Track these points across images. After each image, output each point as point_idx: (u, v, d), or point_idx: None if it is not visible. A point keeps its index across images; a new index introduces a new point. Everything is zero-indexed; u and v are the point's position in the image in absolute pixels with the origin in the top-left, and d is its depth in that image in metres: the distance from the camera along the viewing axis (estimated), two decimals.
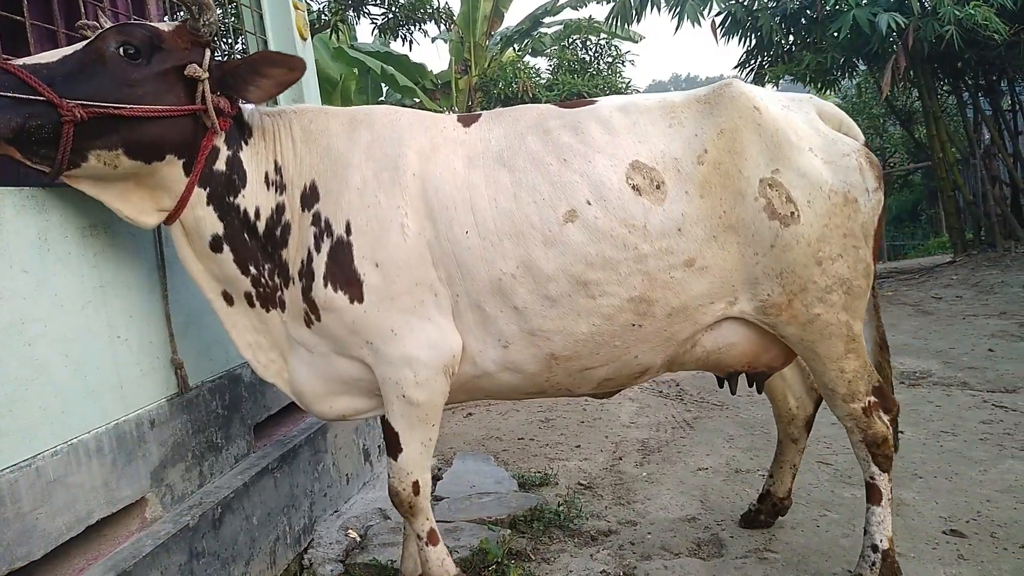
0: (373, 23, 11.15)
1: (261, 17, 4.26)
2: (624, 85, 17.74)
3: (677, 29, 11.52)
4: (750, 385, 3.25)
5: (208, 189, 2.57)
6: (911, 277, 10.72)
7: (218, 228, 2.61)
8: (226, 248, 2.63)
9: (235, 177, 2.62)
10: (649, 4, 12.08)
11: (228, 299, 2.73)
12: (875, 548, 2.96)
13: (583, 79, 17.03)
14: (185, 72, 2.41)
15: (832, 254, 2.71)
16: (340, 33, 12.98)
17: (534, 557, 3.58)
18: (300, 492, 3.56)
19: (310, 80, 4.44)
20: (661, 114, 2.81)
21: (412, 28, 11.07)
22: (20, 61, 2.20)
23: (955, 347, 6.65)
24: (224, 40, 4.16)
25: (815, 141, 2.77)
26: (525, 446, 5.31)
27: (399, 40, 11.89)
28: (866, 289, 2.84)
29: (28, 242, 2.33)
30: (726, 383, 3.27)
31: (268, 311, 2.75)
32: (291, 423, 3.83)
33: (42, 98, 2.14)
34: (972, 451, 4.29)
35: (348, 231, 2.60)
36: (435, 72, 20.03)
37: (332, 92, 18.09)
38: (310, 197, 2.66)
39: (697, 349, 2.89)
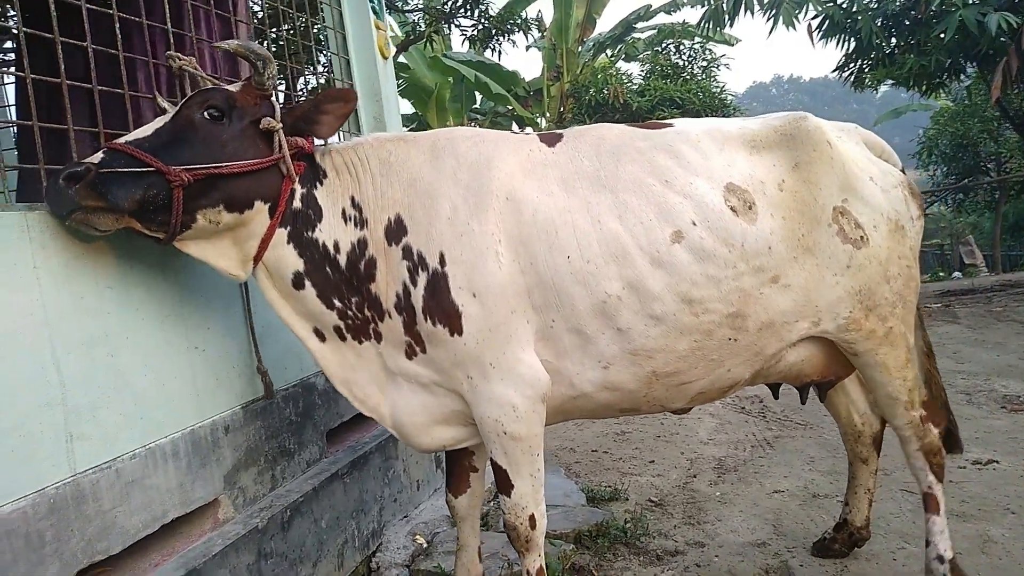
0: (463, 35, 11.31)
1: (344, 38, 4.42)
2: (719, 89, 17.35)
3: (771, 32, 11.22)
4: (821, 399, 3.38)
5: (288, 228, 2.64)
6: (1023, 291, 10.05)
7: (299, 265, 2.66)
8: (307, 284, 2.67)
9: (311, 212, 2.67)
10: (742, 7, 11.78)
11: (320, 336, 2.77)
12: (941, 559, 3.05)
13: (676, 84, 16.79)
14: (261, 126, 2.55)
15: (895, 273, 2.92)
16: (434, 43, 13.24)
17: (596, 574, 3.57)
18: (370, 497, 3.67)
19: (389, 96, 4.57)
20: (742, 141, 2.90)
21: (501, 39, 11.18)
22: (123, 139, 2.39)
23: None
24: (307, 64, 4.34)
25: (874, 171, 2.99)
26: (598, 459, 5.30)
27: (489, 50, 12.00)
28: (915, 304, 3.11)
29: (112, 261, 2.51)
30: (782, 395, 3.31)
31: (361, 343, 2.76)
32: (363, 430, 3.96)
33: (152, 168, 2.32)
34: None
35: (442, 262, 2.59)
36: (528, 80, 20.22)
37: (428, 100, 18.57)
38: (396, 231, 2.66)
39: (781, 364, 2.99)
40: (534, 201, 2.65)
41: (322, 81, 4.50)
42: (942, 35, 9.58)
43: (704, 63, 18.69)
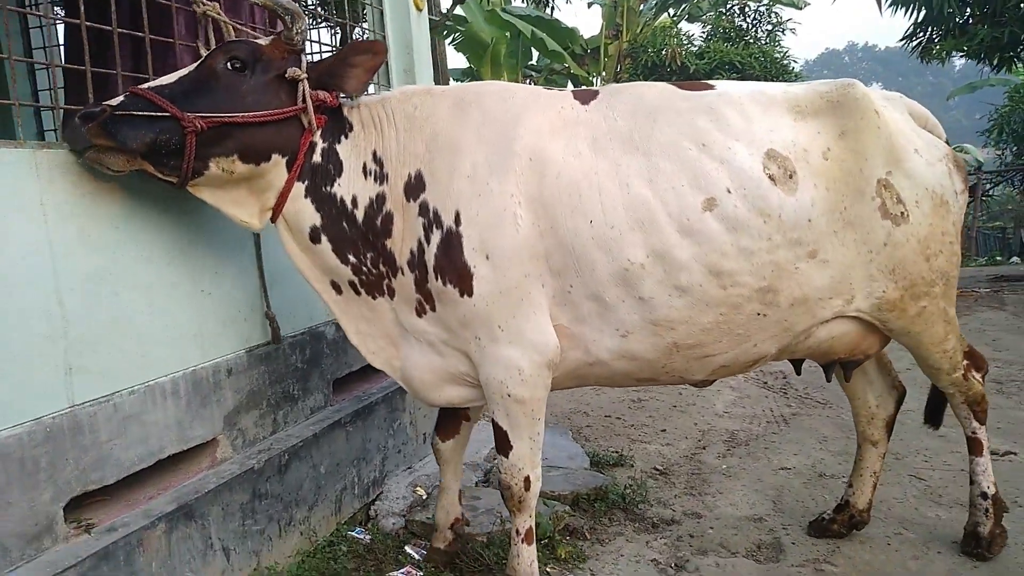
0: None
1: None
2: (782, 55, 16.79)
3: None
4: (846, 378, 3.35)
5: (306, 182, 2.66)
6: None
7: (316, 219, 2.69)
8: (324, 238, 2.70)
9: (330, 167, 2.69)
10: None
11: (337, 288, 2.81)
12: (984, 495, 3.23)
13: (738, 48, 16.30)
14: (286, 75, 2.56)
15: (936, 251, 2.88)
16: None
17: (589, 536, 3.62)
18: (372, 447, 3.77)
19: (421, 48, 4.57)
20: (788, 106, 2.82)
21: None
22: (145, 85, 2.45)
23: None
24: (343, 15, 4.35)
25: (919, 143, 2.90)
26: (610, 424, 5.32)
27: (544, 5, 11.80)
28: (957, 278, 3.07)
29: (117, 201, 2.59)
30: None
31: (375, 298, 2.78)
32: (372, 381, 4.04)
33: (167, 114, 2.37)
34: None
35: (457, 221, 2.56)
36: (586, 37, 19.83)
37: (483, 54, 18.34)
38: (415, 187, 2.65)
39: (810, 340, 2.94)
40: (559, 162, 2.61)
41: (357, 34, 4.50)
42: (1021, 5, 9.07)
43: (769, 27, 18.08)
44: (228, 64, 2.52)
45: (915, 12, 10.68)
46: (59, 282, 2.38)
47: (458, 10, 17.03)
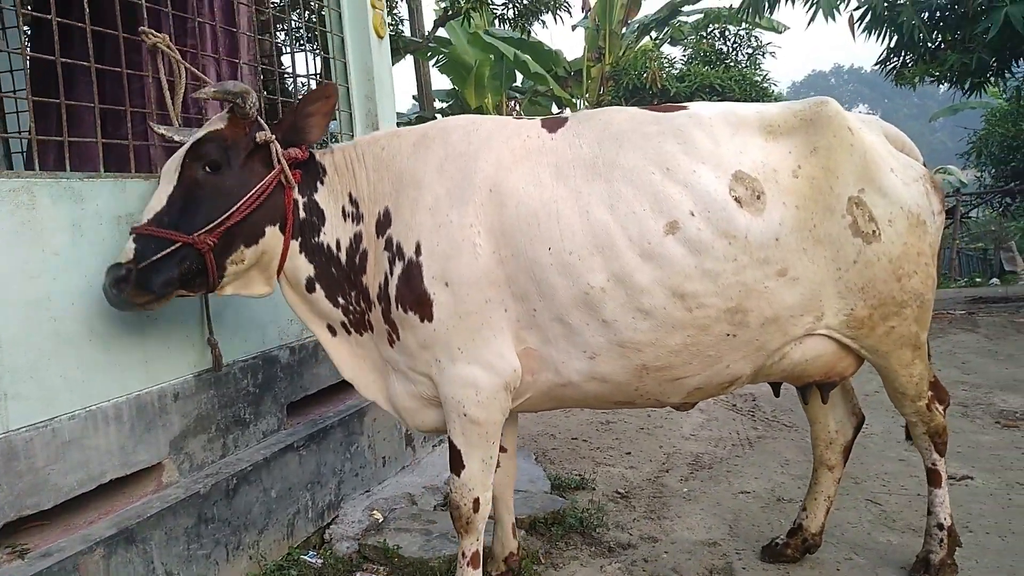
0: (494, 14, 11.26)
1: (339, 16, 4.46)
2: (761, 78, 17.00)
3: (810, 23, 10.96)
4: (823, 401, 3.35)
5: (299, 239, 2.81)
6: None
7: (310, 271, 2.84)
8: (318, 287, 2.85)
9: (315, 219, 2.83)
10: None
11: (332, 331, 2.95)
12: (941, 526, 3.21)
13: (718, 71, 16.49)
14: (257, 140, 2.68)
15: (909, 271, 2.85)
16: (471, 20, 13.20)
17: (544, 561, 3.62)
18: (328, 470, 3.77)
19: (383, 76, 4.61)
20: (759, 125, 2.83)
21: (531, 19, 11.12)
22: (143, 219, 2.57)
23: None
24: (307, 40, 4.40)
25: (894, 164, 2.91)
26: (576, 447, 5.33)
27: (519, 29, 11.93)
28: (932, 302, 3.03)
29: (62, 227, 2.62)
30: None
31: (361, 335, 2.92)
32: (330, 404, 4.05)
33: (180, 243, 2.54)
34: None
35: (418, 252, 2.67)
36: (570, 60, 20.03)
37: (467, 77, 18.52)
38: (383, 223, 2.77)
39: (784, 361, 2.93)
40: (519, 192, 2.67)
41: (314, 66, 4.55)
42: (986, 32, 9.23)
43: (749, 50, 18.31)
44: (205, 169, 2.65)
45: (888, 38, 10.85)
46: None
47: (441, 32, 17.20)
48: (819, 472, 3.52)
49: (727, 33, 17.96)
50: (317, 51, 4.49)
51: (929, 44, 10.50)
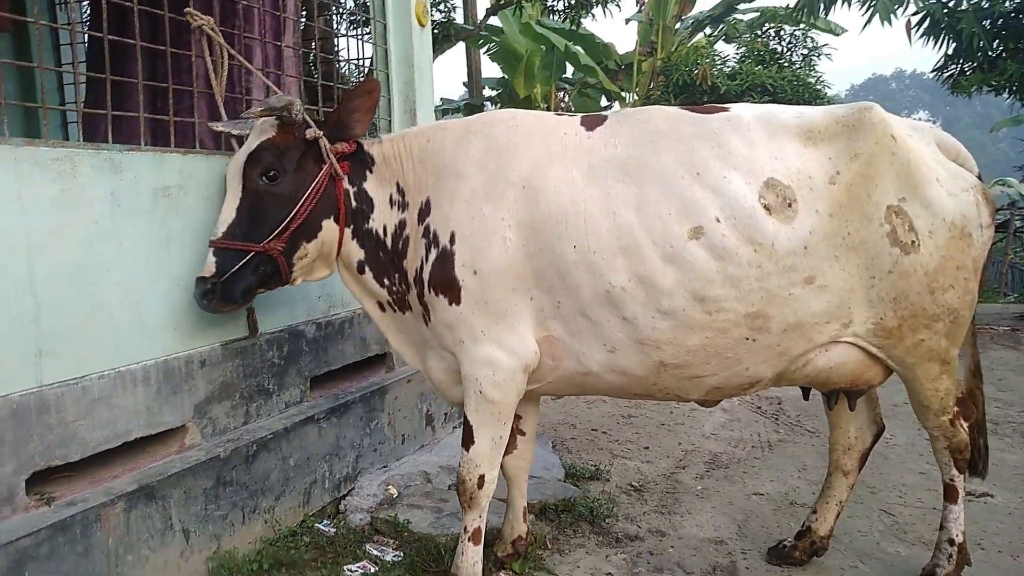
0: (545, 4, 11.26)
1: (383, 3, 4.55)
2: (815, 80, 16.68)
3: (865, 26, 10.76)
4: (851, 408, 3.32)
5: (352, 227, 3.03)
6: None
7: (360, 255, 3.05)
8: (367, 269, 3.06)
9: (364, 207, 3.03)
10: None
11: (382, 307, 3.17)
12: (952, 542, 3.18)
13: (771, 71, 16.23)
14: (307, 137, 2.88)
15: (945, 284, 2.80)
16: (522, 10, 13.22)
17: (550, 546, 3.69)
18: (346, 444, 3.89)
19: (423, 63, 4.68)
20: (799, 131, 2.82)
21: (582, 11, 11.11)
22: (218, 232, 2.83)
23: None
24: (358, 24, 4.50)
25: (940, 173, 2.85)
26: (595, 438, 5.38)
27: (567, 20, 11.92)
28: (968, 318, 2.96)
29: (100, 197, 2.75)
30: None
31: (404, 313, 3.11)
32: (354, 380, 4.16)
33: (253, 253, 2.82)
34: None
35: (452, 241, 2.82)
36: (622, 53, 19.90)
37: (517, 66, 18.55)
38: (424, 212, 2.92)
39: (808, 367, 2.93)
40: (551, 191, 2.77)
41: (360, 52, 4.64)
42: None
43: (804, 51, 17.97)
44: (265, 179, 2.87)
45: (946, 44, 10.57)
46: (34, 273, 2.53)
47: (494, 20, 17.23)
48: (833, 476, 3.52)
49: (782, 33, 17.65)
50: (363, 37, 4.58)
51: (989, 53, 10.21)
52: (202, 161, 3.19)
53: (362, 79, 3.11)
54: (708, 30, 19.60)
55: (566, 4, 11.00)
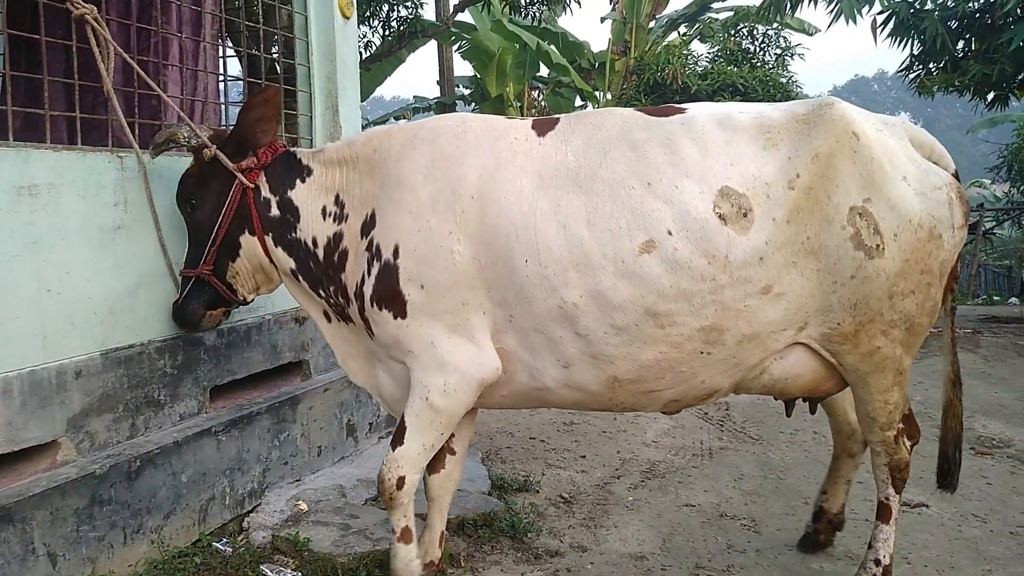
0: (507, 1, 11.10)
1: None
2: (787, 80, 16.61)
3: (831, 25, 10.69)
4: (811, 411, 3.30)
5: (271, 234, 2.98)
6: None
7: (291, 263, 3.00)
8: (300, 277, 3.01)
9: (289, 216, 2.96)
10: None
11: (327, 317, 3.11)
12: (878, 562, 3.07)
13: (743, 70, 16.14)
14: (203, 155, 2.95)
15: (905, 290, 2.66)
16: (489, 6, 13.05)
17: (464, 564, 3.52)
18: (251, 457, 3.70)
19: (347, 57, 4.50)
20: (757, 133, 2.68)
21: (543, 6, 10.97)
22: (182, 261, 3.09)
23: None
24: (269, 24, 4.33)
25: (909, 170, 2.69)
26: (532, 447, 5.22)
27: (528, 17, 11.76)
28: (927, 328, 2.81)
29: None
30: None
31: (348, 324, 3.03)
32: (262, 390, 3.97)
33: (193, 279, 3.03)
34: (991, 545, 3.73)
35: (396, 254, 2.71)
36: (596, 52, 19.75)
37: (489, 64, 18.39)
38: (369, 225, 2.81)
39: (764, 376, 2.83)
40: (501, 201, 2.66)
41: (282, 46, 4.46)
42: (1009, 43, 8.88)
43: (778, 51, 17.90)
44: (188, 208, 3.03)
45: (911, 44, 10.50)
46: None
47: (468, 18, 17.04)
48: (840, 459, 3.53)
49: (755, 32, 17.56)
50: (281, 30, 4.39)
51: (955, 53, 10.14)
52: (78, 159, 3.00)
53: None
54: (683, 29, 19.52)
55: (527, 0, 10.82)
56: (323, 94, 4.43)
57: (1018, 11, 8.94)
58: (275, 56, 4.30)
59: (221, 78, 4.57)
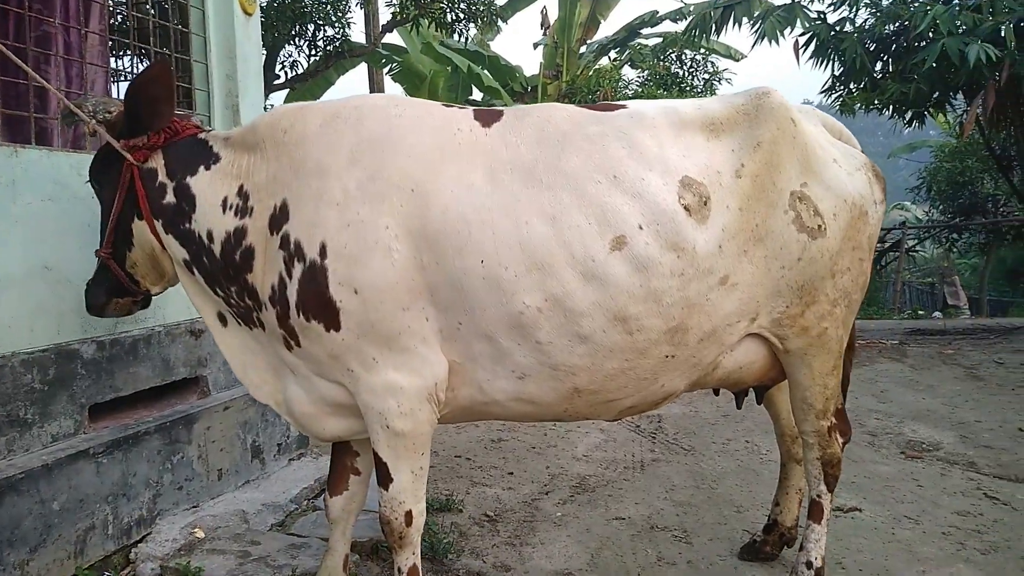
0: (432, 19, 10.98)
1: None
2: None
3: (754, 45, 10.86)
4: (757, 401, 3.28)
5: (161, 220, 2.65)
6: (986, 337, 9.57)
7: (184, 253, 2.65)
8: (195, 270, 2.66)
9: (183, 204, 2.62)
10: (731, 19, 11.44)
11: (223, 320, 2.76)
12: (809, 565, 2.99)
13: (673, 94, 16.36)
14: (88, 130, 2.66)
15: (843, 267, 2.69)
16: (419, 28, 12.93)
17: None
18: (138, 482, 3.36)
19: (249, 54, 4.26)
20: (701, 123, 2.59)
21: (460, 25, 10.91)
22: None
23: (983, 421, 5.77)
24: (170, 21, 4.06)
25: (836, 153, 2.75)
26: (456, 466, 4.96)
27: (454, 36, 11.69)
28: (859, 303, 2.86)
29: None
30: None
31: (252, 329, 2.66)
32: (152, 408, 3.64)
33: (99, 261, 2.79)
34: (924, 546, 3.62)
35: (323, 254, 2.35)
36: (528, 76, 19.82)
37: (420, 86, 18.21)
38: (279, 218, 2.45)
39: (718, 371, 2.75)
40: (446, 195, 2.35)
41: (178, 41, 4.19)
42: (923, 63, 9.13)
43: (706, 76, 18.24)
44: (96, 186, 2.80)
45: (832, 66, 10.74)
46: None
47: (397, 40, 16.86)
48: (788, 466, 3.42)
49: (684, 57, 17.85)
50: (177, 24, 4.13)
51: (874, 74, 10.41)
52: None
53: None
54: (613, 54, 19.74)
55: (453, 17, 10.70)
56: (222, 93, 4.17)
57: (930, 33, 9.21)
58: (167, 52, 4.02)
59: (112, 75, 4.27)
